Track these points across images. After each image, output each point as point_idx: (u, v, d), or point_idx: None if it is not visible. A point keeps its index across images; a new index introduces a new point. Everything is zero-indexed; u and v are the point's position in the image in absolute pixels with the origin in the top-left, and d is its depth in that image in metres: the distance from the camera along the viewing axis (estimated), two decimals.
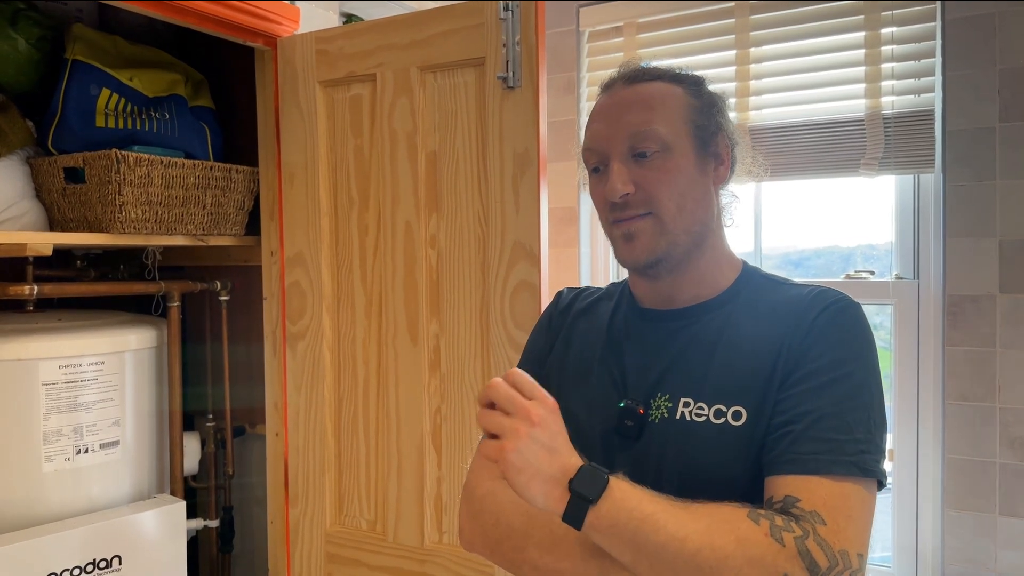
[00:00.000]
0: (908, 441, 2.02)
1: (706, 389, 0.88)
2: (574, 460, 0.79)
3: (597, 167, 0.95)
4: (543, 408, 0.79)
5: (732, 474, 0.85)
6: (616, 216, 0.93)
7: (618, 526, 0.76)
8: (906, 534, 2.02)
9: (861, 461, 0.80)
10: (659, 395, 0.91)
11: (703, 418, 0.87)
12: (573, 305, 1.08)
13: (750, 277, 0.97)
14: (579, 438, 0.92)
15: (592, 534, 0.78)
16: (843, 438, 0.80)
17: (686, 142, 0.92)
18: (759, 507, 0.79)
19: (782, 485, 0.80)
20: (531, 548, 0.88)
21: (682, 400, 0.89)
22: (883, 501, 2.10)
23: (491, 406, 0.80)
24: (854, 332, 0.87)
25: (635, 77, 0.97)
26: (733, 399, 0.86)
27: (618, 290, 1.06)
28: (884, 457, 0.83)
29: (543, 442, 0.77)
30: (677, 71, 0.98)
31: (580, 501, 0.76)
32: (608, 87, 0.99)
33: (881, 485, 0.82)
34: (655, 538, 0.75)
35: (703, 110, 0.94)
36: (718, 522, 0.76)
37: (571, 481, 0.77)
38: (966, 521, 1.89)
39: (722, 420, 0.86)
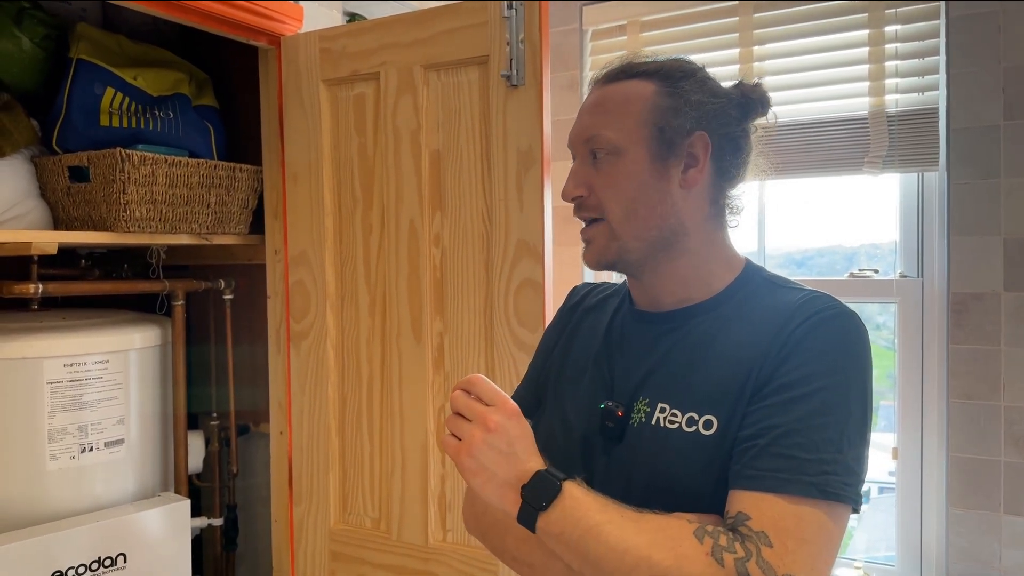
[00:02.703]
0: (912, 439, 2.02)
1: (683, 395, 0.86)
2: (531, 465, 0.80)
3: None
4: (500, 414, 0.81)
5: (698, 483, 0.83)
6: (576, 215, 0.95)
7: (564, 534, 0.77)
8: (910, 533, 2.02)
9: (824, 483, 0.75)
10: (641, 398, 0.90)
11: (676, 425, 0.85)
12: (583, 302, 1.08)
13: (748, 279, 0.93)
14: (566, 436, 0.94)
15: (544, 538, 0.80)
16: (806, 457, 0.76)
17: (640, 146, 0.89)
18: (709, 523, 0.77)
19: (737, 501, 0.78)
20: (509, 539, 0.91)
21: (659, 405, 0.88)
22: (887, 499, 2.10)
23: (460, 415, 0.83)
24: (837, 344, 0.82)
25: (612, 76, 0.95)
26: (707, 407, 0.84)
27: (625, 289, 1.05)
28: (859, 479, 0.78)
29: (499, 448, 0.79)
30: (663, 66, 0.93)
31: (530, 507, 0.78)
32: (591, 84, 0.99)
33: (855, 509, 0.78)
34: (596, 549, 0.76)
35: (673, 110, 0.90)
36: (663, 538, 0.75)
37: (523, 487, 0.79)
38: (970, 520, 1.88)
39: (693, 428, 0.84)
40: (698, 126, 0.90)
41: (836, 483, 0.76)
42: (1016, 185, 1.84)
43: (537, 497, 0.78)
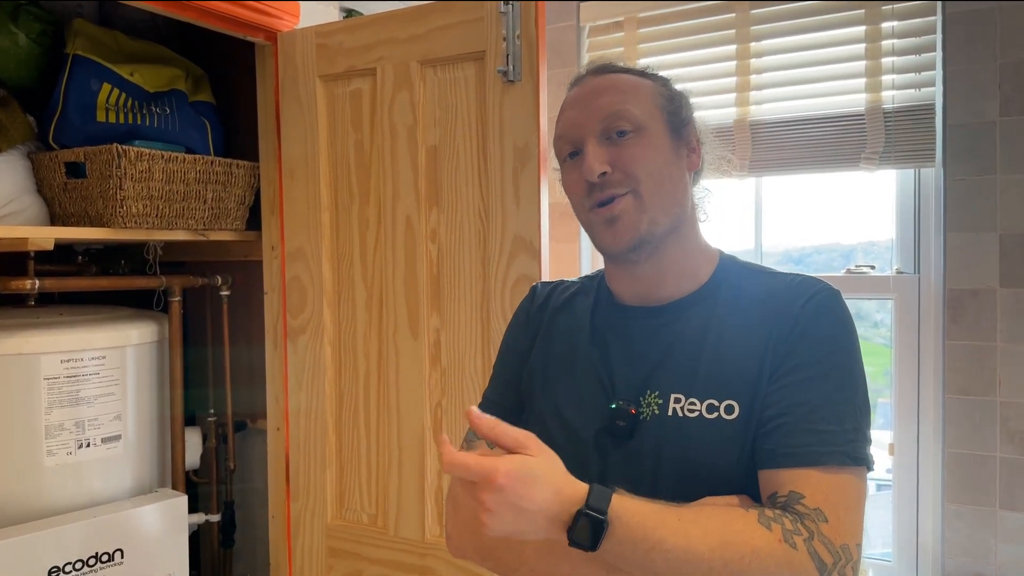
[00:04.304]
0: (908, 435, 2.02)
1: (697, 384, 0.88)
2: (561, 506, 0.75)
3: (572, 152, 0.95)
4: (489, 491, 0.73)
5: (728, 468, 0.85)
6: (595, 199, 0.91)
7: (625, 556, 0.77)
8: (906, 528, 2.02)
9: (852, 450, 0.81)
10: (648, 393, 0.91)
11: (696, 413, 0.87)
12: (549, 301, 1.07)
13: (728, 268, 0.97)
14: (570, 439, 0.93)
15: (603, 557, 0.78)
16: (835, 428, 0.81)
17: (659, 125, 0.93)
18: (765, 507, 0.79)
19: (783, 480, 0.81)
20: (529, 552, 0.87)
21: (673, 396, 0.89)
22: (883, 495, 2.11)
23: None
24: (838, 322, 0.87)
25: (604, 69, 0.98)
26: (725, 393, 0.86)
27: (594, 285, 1.05)
28: (870, 442, 0.85)
29: (508, 519, 0.74)
30: (643, 70, 0.99)
31: (581, 547, 0.75)
32: (577, 81, 1.00)
33: (869, 469, 0.84)
34: (664, 564, 0.76)
35: (673, 99, 0.96)
36: (730, 533, 0.76)
37: (569, 532, 0.75)
38: (966, 515, 1.89)
39: (715, 415, 0.86)
40: (688, 118, 0.97)
41: (860, 448, 0.82)
42: (1012, 181, 1.84)
43: (588, 541, 0.74)
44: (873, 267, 2.13)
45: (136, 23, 1.98)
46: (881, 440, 2.13)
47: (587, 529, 0.75)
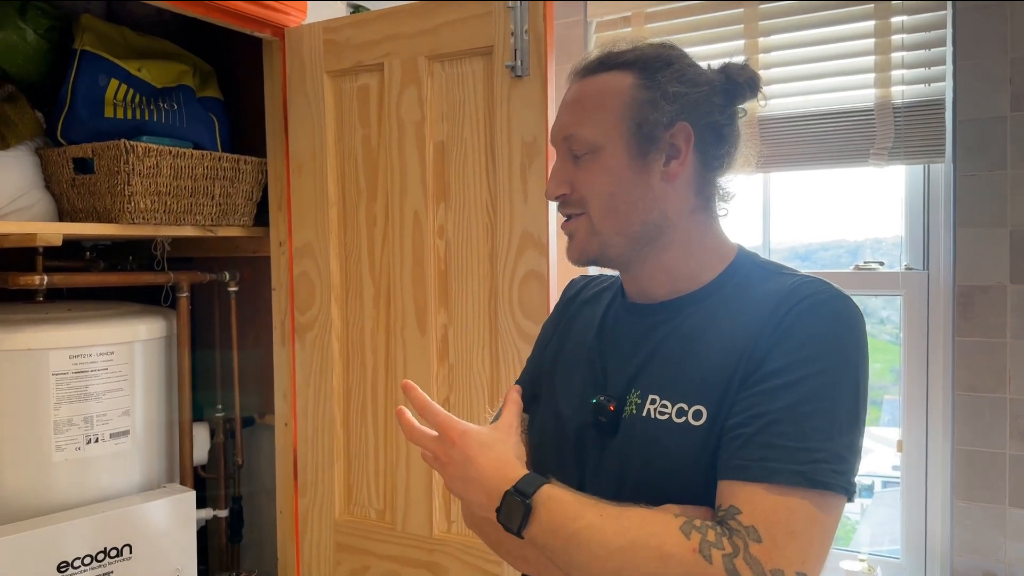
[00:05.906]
0: (917, 433, 2.02)
1: (673, 387, 0.84)
2: (497, 483, 0.82)
3: None
4: (445, 445, 0.87)
5: (690, 474, 0.80)
6: (560, 212, 0.95)
7: (548, 546, 0.78)
8: (915, 525, 2.02)
9: (812, 471, 0.72)
10: (634, 391, 0.88)
11: (665, 416, 0.83)
12: (580, 295, 1.08)
13: (740, 267, 0.91)
14: (558, 431, 0.93)
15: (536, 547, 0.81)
16: (794, 445, 0.74)
17: (618, 143, 0.88)
18: (697, 517, 0.75)
19: (728, 493, 0.75)
20: (502, 534, 0.88)
21: (650, 397, 0.86)
22: (891, 492, 2.10)
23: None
24: (828, 329, 0.79)
25: (589, 69, 0.93)
26: (696, 398, 0.82)
27: (619, 281, 1.03)
28: (850, 467, 0.75)
29: (458, 483, 0.85)
30: (641, 55, 0.91)
31: (508, 528, 0.80)
32: (569, 79, 0.97)
33: (849, 498, 0.75)
34: (579, 556, 0.75)
35: (651, 104, 0.87)
36: (645, 535, 0.73)
37: (496, 512, 0.81)
38: (975, 512, 1.88)
39: (683, 419, 0.82)
40: (678, 117, 0.87)
41: (825, 471, 0.73)
42: (1023, 177, 1.83)
43: (510, 520, 0.79)
44: (882, 263, 2.12)
45: (143, 19, 1.98)
46: (889, 437, 2.12)
47: (510, 511, 0.79)
